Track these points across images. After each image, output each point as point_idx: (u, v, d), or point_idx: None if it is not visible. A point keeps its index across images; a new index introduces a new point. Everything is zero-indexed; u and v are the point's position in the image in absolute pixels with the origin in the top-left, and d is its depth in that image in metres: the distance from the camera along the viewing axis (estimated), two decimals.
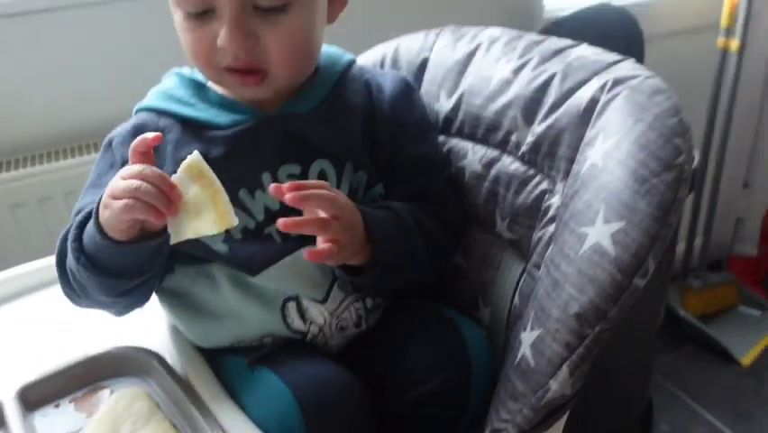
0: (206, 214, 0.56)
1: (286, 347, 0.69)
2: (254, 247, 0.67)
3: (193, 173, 0.56)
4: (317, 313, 0.69)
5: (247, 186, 0.67)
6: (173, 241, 0.57)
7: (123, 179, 0.57)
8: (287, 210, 0.61)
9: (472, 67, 0.78)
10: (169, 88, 0.72)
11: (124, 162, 0.64)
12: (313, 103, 0.70)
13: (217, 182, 0.56)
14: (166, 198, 0.55)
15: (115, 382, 0.71)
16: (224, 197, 0.56)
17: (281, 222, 0.57)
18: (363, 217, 0.64)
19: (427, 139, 0.76)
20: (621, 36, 1.56)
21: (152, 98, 0.72)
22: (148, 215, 0.56)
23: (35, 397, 0.68)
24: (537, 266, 0.65)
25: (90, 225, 0.60)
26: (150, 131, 0.65)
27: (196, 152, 0.57)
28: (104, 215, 0.58)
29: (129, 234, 0.58)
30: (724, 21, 1.72)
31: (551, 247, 0.63)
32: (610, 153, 0.60)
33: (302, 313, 0.69)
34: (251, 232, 0.68)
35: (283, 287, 0.68)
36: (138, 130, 0.68)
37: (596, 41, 1.50)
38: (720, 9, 1.71)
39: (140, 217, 0.56)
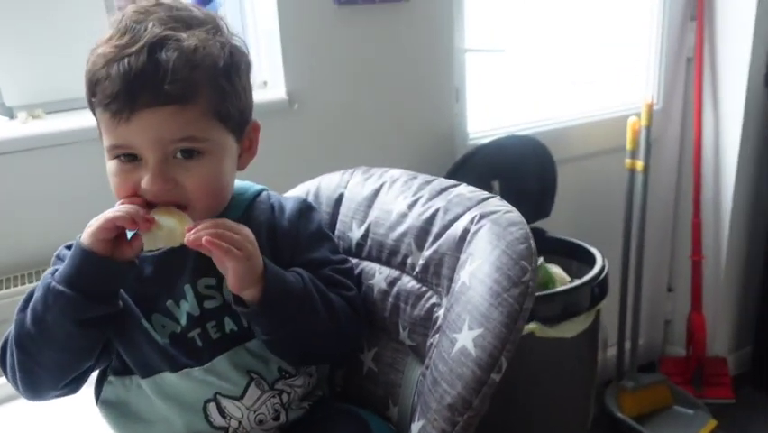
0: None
1: None
2: (178, 352, 0.79)
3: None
4: (235, 408, 0.80)
5: (173, 297, 0.80)
6: (146, 248, 0.74)
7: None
8: (206, 316, 0.78)
9: (378, 202, 0.94)
10: None
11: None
12: None
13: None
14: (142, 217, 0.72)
15: None
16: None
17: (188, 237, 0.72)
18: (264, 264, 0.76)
19: (322, 247, 0.88)
20: (534, 161, 1.78)
21: None
22: (126, 222, 0.71)
23: None
24: (428, 367, 0.78)
25: (70, 266, 0.72)
26: None
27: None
28: (87, 230, 0.72)
29: (105, 248, 0.72)
30: (628, 144, 1.96)
31: (434, 351, 0.76)
32: (475, 274, 0.75)
33: (221, 410, 0.80)
34: (176, 336, 0.80)
35: (203, 388, 0.79)
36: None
37: (512, 165, 1.72)
38: (624, 134, 1.95)
39: (120, 223, 0.71)
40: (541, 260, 1.59)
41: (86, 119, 1.35)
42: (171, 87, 0.71)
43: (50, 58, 1.42)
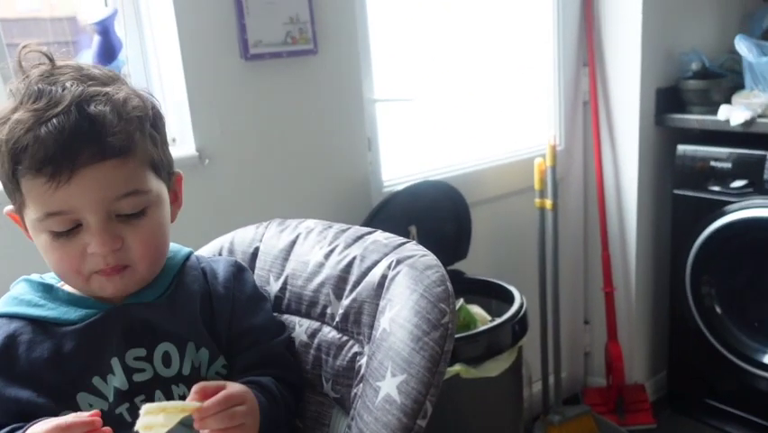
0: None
1: None
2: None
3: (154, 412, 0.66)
4: None
5: (99, 373, 0.75)
6: None
7: None
8: (135, 390, 0.74)
9: (294, 253, 0.93)
10: (18, 294, 0.80)
11: None
12: (157, 292, 0.81)
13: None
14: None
15: None
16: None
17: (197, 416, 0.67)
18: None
19: (261, 310, 0.88)
20: (449, 205, 1.82)
21: (2, 304, 0.79)
22: None
23: None
24: (353, 418, 0.77)
25: None
26: (2, 334, 0.73)
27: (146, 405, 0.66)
28: None
29: None
30: (536, 184, 2.03)
31: (358, 401, 0.75)
32: (395, 319, 0.75)
33: None
34: (104, 414, 0.74)
35: None
36: None
37: (427, 209, 1.75)
38: (532, 175, 2.03)
39: None
40: (461, 301, 1.61)
41: None
42: (112, 139, 0.69)
43: None
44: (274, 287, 0.93)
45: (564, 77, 2.22)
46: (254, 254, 0.98)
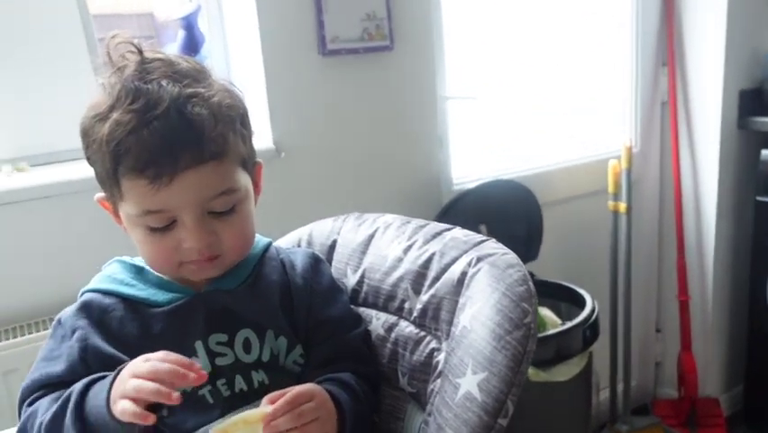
0: None
1: None
2: (189, 409, 0.76)
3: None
4: None
5: (184, 354, 0.77)
6: None
7: (140, 374, 0.68)
8: (217, 373, 0.76)
9: (372, 247, 0.93)
10: (112, 273, 0.83)
11: (74, 332, 0.75)
12: (238, 280, 0.83)
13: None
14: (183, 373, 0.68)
15: None
16: None
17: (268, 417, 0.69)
18: (334, 398, 0.76)
19: (337, 302, 0.89)
20: (520, 205, 1.79)
21: (97, 281, 0.83)
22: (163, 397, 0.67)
23: None
24: (431, 414, 0.77)
25: (96, 417, 0.69)
26: (97, 307, 0.77)
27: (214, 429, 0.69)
28: (116, 411, 0.68)
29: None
30: (610, 187, 1.98)
31: (437, 397, 0.75)
32: (475, 317, 0.74)
33: None
34: (187, 394, 0.76)
35: None
36: (86, 306, 0.79)
37: (498, 209, 1.73)
38: (606, 177, 1.98)
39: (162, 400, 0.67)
40: None
41: (69, 171, 1.35)
42: (210, 143, 0.72)
43: (34, 112, 1.42)
44: (351, 280, 0.94)
45: (642, 76, 2.16)
46: (332, 247, 0.99)
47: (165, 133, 0.70)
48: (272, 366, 0.81)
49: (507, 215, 1.77)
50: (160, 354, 0.70)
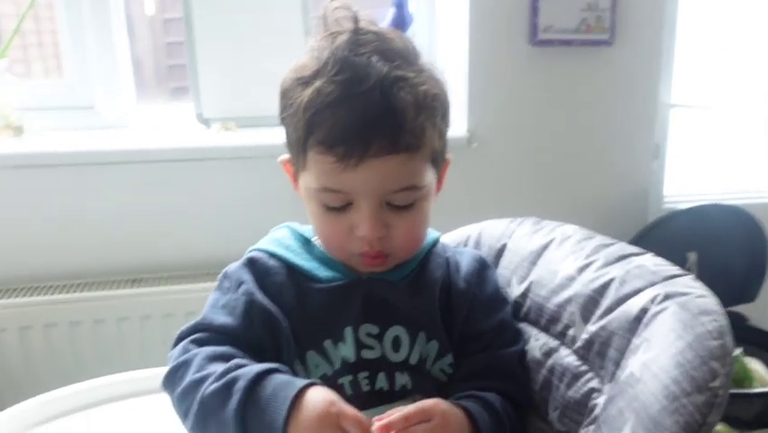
0: None
1: None
2: None
3: None
4: None
5: (332, 337, 0.75)
6: None
7: None
8: (361, 365, 0.72)
9: (543, 259, 0.84)
10: (280, 238, 0.82)
11: (240, 285, 0.76)
12: (401, 273, 0.79)
13: None
14: None
15: None
16: None
17: (378, 427, 0.63)
18: (471, 416, 0.69)
19: (499, 312, 0.81)
20: (742, 235, 1.55)
21: (266, 243, 0.82)
22: None
23: None
24: None
25: (264, 424, 0.64)
26: (261, 267, 0.77)
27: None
28: None
29: None
30: None
31: None
32: (648, 365, 0.62)
33: None
34: (327, 379, 0.74)
35: None
36: (250, 263, 0.78)
37: (714, 237, 1.51)
38: None
39: None
40: (738, 351, 1.36)
41: (271, 136, 1.41)
42: (406, 135, 0.68)
43: (246, 75, 1.50)
44: (515, 290, 0.85)
45: None
46: (500, 251, 0.90)
47: (363, 114, 0.67)
48: (418, 370, 0.76)
49: (725, 245, 1.54)
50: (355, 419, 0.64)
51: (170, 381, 0.72)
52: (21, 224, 1.43)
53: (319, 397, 0.64)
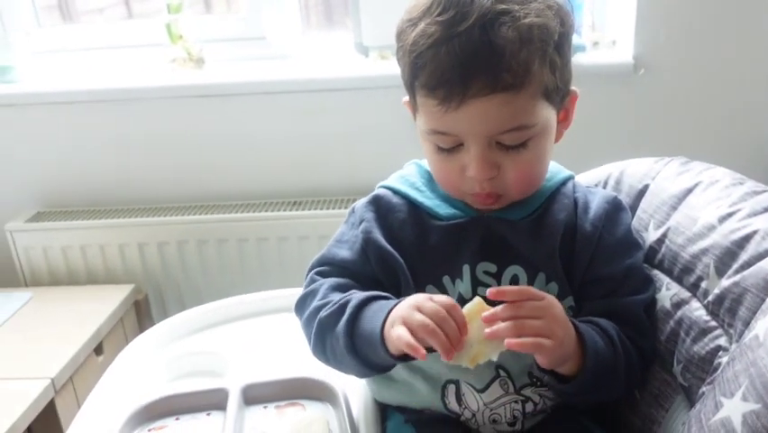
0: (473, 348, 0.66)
1: (443, 421, 0.78)
2: None
3: (472, 314, 0.67)
4: (473, 400, 0.76)
5: (450, 274, 0.77)
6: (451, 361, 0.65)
7: (426, 311, 0.65)
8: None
9: (685, 204, 0.77)
10: (407, 174, 0.85)
11: (361, 222, 0.80)
12: (523, 212, 0.78)
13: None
14: (459, 336, 0.65)
15: (309, 402, 0.87)
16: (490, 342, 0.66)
17: (491, 290, 0.66)
18: (576, 329, 0.69)
19: (627, 258, 0.77)
20: None
21: (393, 180, 0.85)
22: (442, 350, 0.64)
23: (252, 395, 0.88)
24: (684, 423, 0.64)
25: (369, 332, 0.70)
26: (385, 204, 0.80)
27: (478, 298, 0.68)
28: (394, 332, 0.66)
29: (400, 352, 0.67)
30: None
31: (697, 405, 0.61)
32: None
33: (459, 397, 0.76)
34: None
35: (448, 369, 0.76)
36: (375, 200, 0.82)
37: None
38: None
39: (434, 347, 0.64)
40: None
41: None
42: (507, 74, 0.66)
43: (405, 2, 1.50)
44: (651, 235, 0.80)
45: None
46: (641, 192, 0.85)
47: (461, 54, 0.66)
48: None
49: None
50: (446, 303, 0.67)
51: (299, 307, 0.80)
52: (200, 147, 1.61)
53: (418, 296, 0.69)
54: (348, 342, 0.71)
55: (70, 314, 1.50)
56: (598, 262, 0.76)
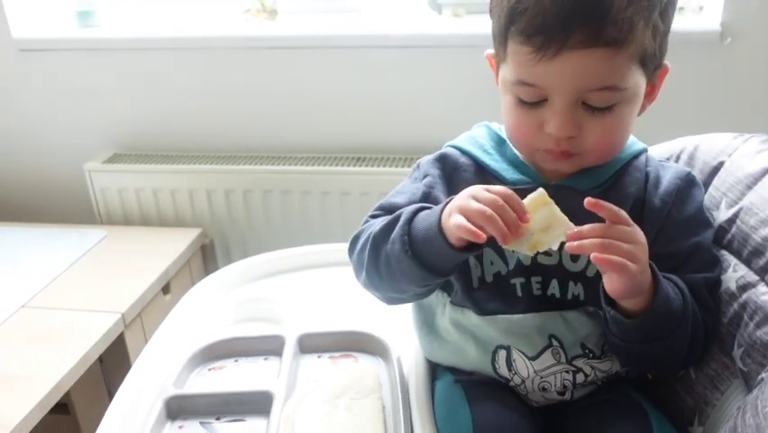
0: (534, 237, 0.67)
1: (492, 385, 0.79)
2: (496, 293, 0.77)
3: (534, 204, 0.67)
4: (523, 366, 0.76)
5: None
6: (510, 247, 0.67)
7: (482, 200, 0.66)
8: (534, 270, 0.74)
9: (761, 185, 0.74)
10: (476, 136, 0.84)
11: (425, 177, 0.80)
12: (593, 183, 0.76)
13: (557, 213, 0.67)
14: (517, 223, 0.66)
15: (362, 355, 0.90)
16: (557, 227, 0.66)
17: (590, 199, 0.66)
18: (655, 275, 0.69)
19: (695, 236, 0.76)
20: None
21: (461, 140, 0.84)
22: (499, 236, 0.65)
23: (308, 344, 0.91)
24: (739, 408, 0.63)
25: (425, 228, 0.71)
26: (452, 163, 0.80)
27: (541, 189, 0.68)
28: (452, 220, 0.66)
29: (461, 242, 0.67)
30: None
31: (754, 390, 0.60)
32: None
33: (510, 362, 0.77)
34: (501, 277, 0.77)
35: (501, 334, 0.77)
36: (442, 158, 0.82)
37: None
38: None
39: (490, 233, 0.65)
40: None
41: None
42: (611, 28, 0.64)
43: None
44: (722, 215, 0.78)
45: None
46: (716, 169, 0.82)
47: (566, 2, 0.64)
48: (593, 283, 0.74)
49: None
50: (502, 192, 0.67)
51: (351, 245, 0.81)
52: (269, 99, 1.63)
53: (476, 187, 0.69)
54: (405, 242, 0.70)
55: (141, 254, 1.58)
56: (663, 239, 0.74)
